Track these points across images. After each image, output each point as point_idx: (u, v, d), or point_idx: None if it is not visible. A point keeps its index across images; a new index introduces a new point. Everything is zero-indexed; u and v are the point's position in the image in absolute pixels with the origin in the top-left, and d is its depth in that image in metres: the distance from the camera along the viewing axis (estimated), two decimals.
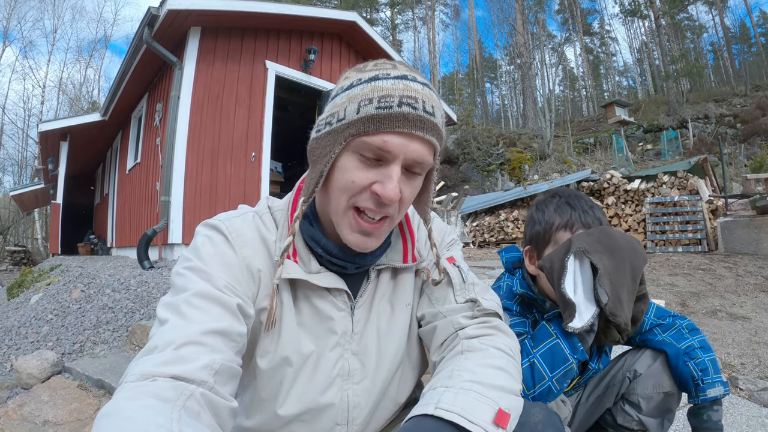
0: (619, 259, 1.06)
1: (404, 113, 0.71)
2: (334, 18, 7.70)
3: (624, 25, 44.38)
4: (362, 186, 0.75)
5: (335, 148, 0.75)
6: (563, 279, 1.06)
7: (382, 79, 0.73)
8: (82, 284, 4.54)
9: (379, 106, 0.71)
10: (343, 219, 0.79)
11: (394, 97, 0.71)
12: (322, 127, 0.79)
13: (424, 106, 0.72)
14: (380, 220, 0.78)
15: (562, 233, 1.20)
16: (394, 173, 0.73)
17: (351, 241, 0.79)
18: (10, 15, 29.86)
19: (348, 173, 0.75)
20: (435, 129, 0.75)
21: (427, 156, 0.76)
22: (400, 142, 0.72)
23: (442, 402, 0.67)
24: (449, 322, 0.89)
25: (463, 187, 16.56)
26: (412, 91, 0.72)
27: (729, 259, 6.19)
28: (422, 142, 0.74)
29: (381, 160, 0.74)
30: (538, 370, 1.05)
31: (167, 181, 5.89)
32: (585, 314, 1.04)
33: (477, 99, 44.67)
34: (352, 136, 0.73)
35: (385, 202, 0.74)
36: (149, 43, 5.91)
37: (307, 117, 9.54)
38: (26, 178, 28.75)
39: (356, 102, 0.73)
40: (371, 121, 0.71)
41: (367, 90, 0.73)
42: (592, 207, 1.22)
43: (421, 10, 41.18)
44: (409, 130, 0.71)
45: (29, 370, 2.78)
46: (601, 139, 21.97)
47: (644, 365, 1.25)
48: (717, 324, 3.60)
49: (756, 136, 18.86)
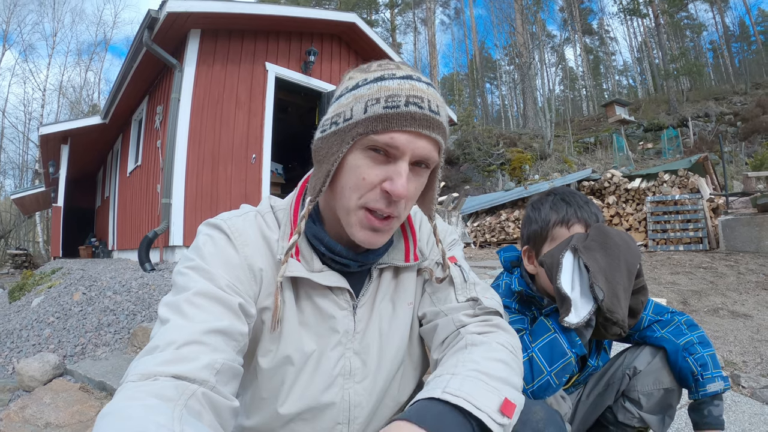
0: (614, 256, 1.07)
1: (411, 112, 0.72)
2: (333, 19, 7.69)
3: (623, 24, 44.38)
4: (373, 183, 0.76)
5: (343, 147, 0.75)
6: (559, 275, 1.08)
7: (388, 79, 0.75)
8: (83, 287, 4.55)
9: (386, 105, 0.72)
10: (353, 217, 0.79)
11: (401, 96, 0.72)
12: (328, 127, 0.80)
13: (429, 106, 0.74)
14: (388, 217, 0.79)
15: (558, 229, 1.21)
16: (402, 169, 0.74)
17: (360, 238, 0.80)
18: (9, 18, 29.96)
19: (358, 171, 0.76)
20: (440, 127, 0.76)
21: (433, 153, 0.77)
22: (407, 140, 0.73)
23: (449, 387, 0.67)
24: (450, 320, 0.89)
25: (463, 187, 16.57)
26: (418, 91, 0.74)
27: (730, 257, 6.19)
28: (428, 140, 0.75)
29: (389, 156, 0.75)
30: (537, 364, 1.06)
31: (168, 183, 5.90)
32: (582, 310, 1.05)
33: (477, 99, 44.73)
34: (360, 135, 0.74)
35: (394, 199, 0.75)
36: (149, 45, 5.92)
37: (307, 118, 9.55)
38: (27, 182, 28.79)
39: (363, 102, 0.74)
40: (379, 120, 0.72)
41: (373, 90, 0.74)
42: (587, 203, 1.24)
43: (422, 11, 41.24)
44: (416, 128, 0.73)
45: (31, 373, 2.78)
46: (602, 139, 21.98)
47: (644, 362, 1.25)
48: (719, 322, 3.59)
49: (756, 134, 18.87)
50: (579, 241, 1.11)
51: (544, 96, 29.75)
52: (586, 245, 1.09)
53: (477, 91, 44.91)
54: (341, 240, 0.86)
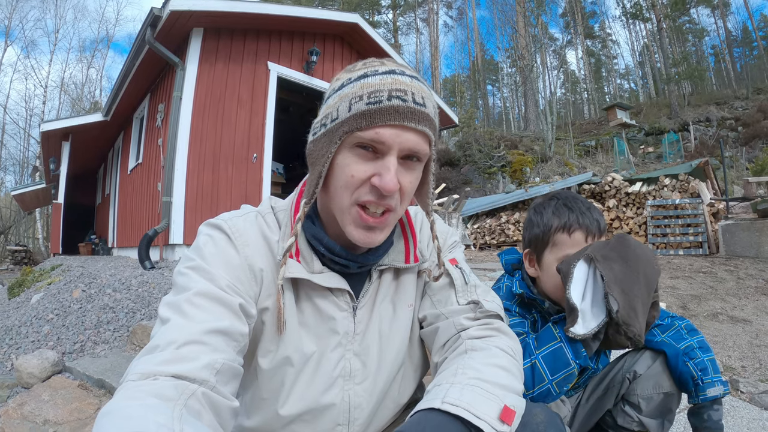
0: (633, 268, 1.04)
1: (394, 106, 0.72)
2: (336, 20, 7.70)
3: (625, 28, 44.42)
4: (361, 179, 0.76)
5: (331, 147, 0.76)
6: (569, 284, 1.06)
7: (371, 76, 0.75)
8: (83, 284, 4.55)
9: (369, 101, 0.73)
10: (347, 216, 0.79)
11: (383, 91, 0.73)
12: (318, 130, 0.81)
13: (413, 98, 0.74)
14: (383, 214, 0.79)
15: (560, 235, 1.21)
16: (390, 164, 0.75)
17: (356, 237, 0.80)
18: (11, 14, 29.96)
19: (346, 169, 0.77)
20: (426, 119, 0.76)
21: (422, 145, 0.77)
22: (393, 134, 0.74)
23: (449, 397, 0.68)
24: (451, 324, 0.89)
25: (464, 189, 16.57)
26: (401, 84, 0.74)
27: (730, 262, 6.18)
28: (415, 132, 0.75)
29: (377, 152, 0.76)
30: (539, 372, 1.05)
31: (169, 181, 5.90)
32: (590, 321, 1.03)
33: (479, 101, 44.72)
34: (346, 134, 0.75)
35: (384, 193, 0.75)
36: (152, 43, 5.92)
37: (308, 118, 9.47)
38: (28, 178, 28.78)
39: (347, 100, 0.75)
40: (363, 117, 0.73)
41: (356, 88, 0.75)
42: (590, 208, 1.23)
43: (424, 12, 41.26)
44: (400, 122, 0.73)
45: (30, 370, 2.77)
46: (603, 142, 21.99)
47: (644, 366, 1.24)
48: (718, 327, 3.59)
49: (757, 139, 18.88)
50: (597, 250, 1.08)
51: (546, 99, 29.76)
52: (604, 254, 1.06)
53: (479, 93, 44.94)
54: (340, 241, 0.86)
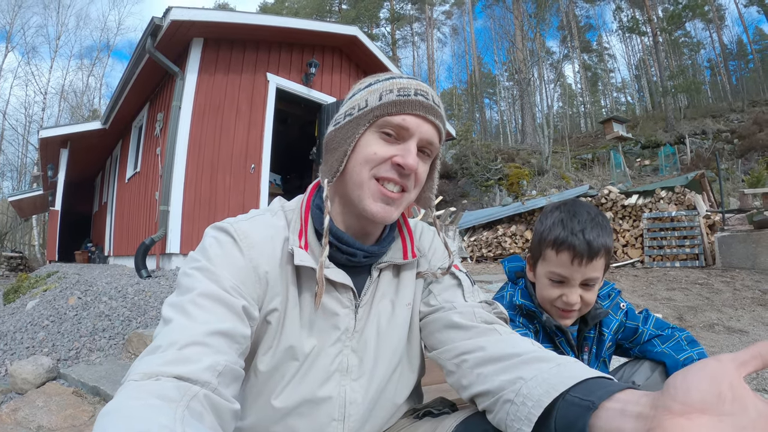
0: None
1: (419, 100, 0.85)
2: (335, 32, 7.77)
3: (622, 42, 44.83)
4: (383, 157, 0.84)
5: (359, 129, 0.85)
6: None
7: (397, 78, 0.88)
8: (79, 291, 4.53)
9: (399, 94, 0.85)
10: (365, 190, 0.85)
11: (410, 88, 0.86)
12: (342, 119, 0.89)
13: (432, 99, 0.87)
14: (399, 192, 0.87)
15: (549, 251, 1.18)
16: (412, 147, 0.85)
17: (374, 211, 0.85)
18: (13, 20, 30.09)
19: (369, 148, 0.85)
20: (440, 117, 0.89)
21: (435, 138, 0.88)
22: (416, 122, 0.85)
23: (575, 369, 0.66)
24: (466, 306, 0.90)
25: (461, 202, 16.62)
26: (423, 87, 0.88)
27: (726, 273, 6.20)
28: (432, 125, 0.87)
29: (399, 137, 0.85)
30: None
31: (166, 190, 5.91)
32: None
33: (476, 114, 45.00)
34: (376, 117, 0.84)
35: (406, 171, 0.84)
36: (152, 52, 5.96)
37: (307, 130, 9.58)
38: (25, 184, 28.71)
39: (377, 93, 0.86)
40: (393, 104, 0.84)
41: (386, 85, 0.87)
42: (587, 228, 1.15)
43: (422, 25, 41.65)
44: (423, 113, 0.85)
45: (24, 375, 2.76)
46: (599, 155, 22.11)
47: (643, 376, 1.24)
48: (714, 338, 3.60)
49: (753, 151, 19.02)
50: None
51: (543, 112, 29.95)
52: None
53: (476, 107, 45.23)
54: (348, 230, 0.91)
